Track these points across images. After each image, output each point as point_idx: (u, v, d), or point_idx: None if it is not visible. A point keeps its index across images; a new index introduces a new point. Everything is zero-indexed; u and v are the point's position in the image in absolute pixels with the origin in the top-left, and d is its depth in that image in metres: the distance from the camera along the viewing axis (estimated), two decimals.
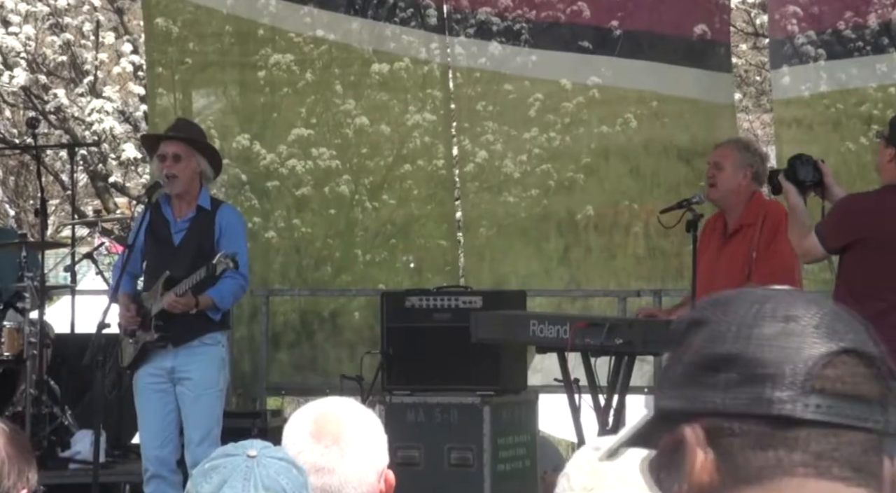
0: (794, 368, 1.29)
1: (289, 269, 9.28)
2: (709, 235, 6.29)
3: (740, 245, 6.06)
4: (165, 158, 6.47)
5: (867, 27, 8.83)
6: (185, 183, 6.46)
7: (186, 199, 6.51)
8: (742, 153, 6.11)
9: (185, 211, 6.52)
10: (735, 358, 1.30)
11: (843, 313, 1.34)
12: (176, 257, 6.43)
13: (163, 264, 6.43)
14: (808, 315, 1.32)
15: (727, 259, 6.10)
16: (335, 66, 9.18)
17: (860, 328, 1.33)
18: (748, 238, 6.01)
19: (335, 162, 9.13)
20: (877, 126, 7.93)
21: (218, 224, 6.46)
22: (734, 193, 6.08)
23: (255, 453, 2.43)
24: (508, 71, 9.09)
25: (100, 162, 14.99)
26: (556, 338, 6.18)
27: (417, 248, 9.30)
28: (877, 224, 5.26)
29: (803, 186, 5.49)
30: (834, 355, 1.30)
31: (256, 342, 8.90)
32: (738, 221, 6.08)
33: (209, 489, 2.40)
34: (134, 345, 6.47)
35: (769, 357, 1.30)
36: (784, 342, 1.30)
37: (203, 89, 9.31)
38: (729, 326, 1.32)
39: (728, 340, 1.32)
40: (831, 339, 1.31)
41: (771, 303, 1.33)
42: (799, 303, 1.33)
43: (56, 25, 14.68)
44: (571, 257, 9.22)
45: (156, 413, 6.42)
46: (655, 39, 8.92)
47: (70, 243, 9.23)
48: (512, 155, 9.12)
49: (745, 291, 1.36)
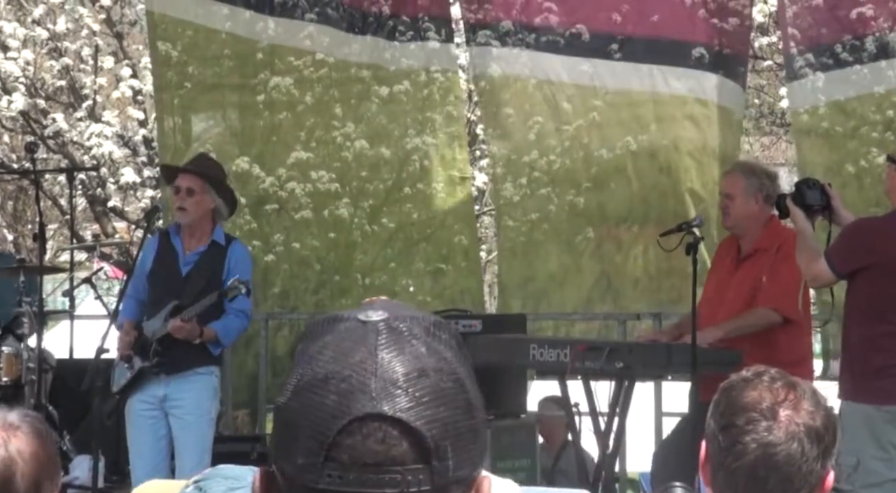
0: (315, 434, 1.26)
1: (288, 292, 9.26)
2: (722, 258, 6.27)
3: (752, 269, 6.04)
4: (179, 190, 6.48)
5: (864, 50, 8.89)
6: (193, 217, 6.45)
7: (198, 234, 6.50)
8: (749, 179, 6.08)
9: (195, 245, 6.50)
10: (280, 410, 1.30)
11: (389, 363, 1.27)
12: (184, 288, 6.41)
13: (169, 294, 6.41)
14: (323, 367, 1.28)
15: (737, 283, 6.08)
16: (335, 88, 9.17)
17: (399, 385, 1.27)
18: (760, 263, 5.99)
19: (334, 185, 9.12)
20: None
21: (229, 259, 6.46)
22: (748, 219, 6.06)
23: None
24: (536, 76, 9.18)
25: (98, 186, 14.98)
26: (556, 362, 6.15)
27: (417, 272, 9.28)
28: (887, 248, 5.25)
29: (811, 210, 5.47)
30: (355, 421, 1.25)
31: (256, 365, 8.88)
32: (754, 246, 6.07)
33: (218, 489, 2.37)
34: (129, 370, 6.45)
35: (300, 420, 1.27)
36: (310, 402, 1.27)
37: (202, 113, 9.30)
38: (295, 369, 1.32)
39: (285, 392, 1.30)
40: (358, 403, 1.25)
41: (329, 354, 1.29)
42: (340, 353, 1.28)
43: (55, 50, 14.69)
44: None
45: (147, 441, 6.39)
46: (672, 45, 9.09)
47: (69, 268, 9.21)
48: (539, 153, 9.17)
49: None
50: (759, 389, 2.33)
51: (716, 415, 2.36)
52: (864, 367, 5.25)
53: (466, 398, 1.28)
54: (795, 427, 2.29)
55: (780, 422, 2.30)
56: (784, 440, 2.28)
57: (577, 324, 9.26)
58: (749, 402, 2.32)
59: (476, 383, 1.32)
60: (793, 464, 2.28)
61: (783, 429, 2.29)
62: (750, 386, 2.35)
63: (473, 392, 1.30)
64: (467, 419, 1.28)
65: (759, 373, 2.37)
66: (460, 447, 1.27)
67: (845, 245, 5.35)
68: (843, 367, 5.43)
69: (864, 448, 5.13)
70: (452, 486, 1.27)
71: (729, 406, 2.34)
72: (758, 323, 5.93)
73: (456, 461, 1.26)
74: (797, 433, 2.29)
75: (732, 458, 2.29)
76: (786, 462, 2.28)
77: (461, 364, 1.31)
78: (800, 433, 2.29)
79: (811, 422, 2.31)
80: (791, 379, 2.37)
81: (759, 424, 2.30)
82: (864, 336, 5.29)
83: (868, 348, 5.27)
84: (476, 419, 1.28)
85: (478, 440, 1.29)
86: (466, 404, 1.28)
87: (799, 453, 2.28)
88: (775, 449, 2.28)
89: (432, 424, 1.26)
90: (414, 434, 1.25)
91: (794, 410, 2.31)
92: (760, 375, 2.37)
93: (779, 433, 2.29)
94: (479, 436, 1.29)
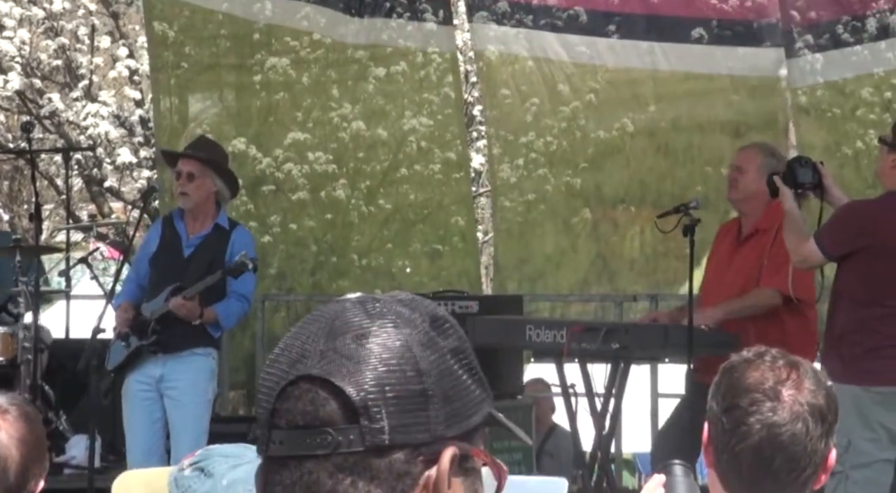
0: (264, 404, 1.29)
1: (285, 273, 9.26)
2: (722, 239, 6.26)
3: (753, 250, 6.03)
4: (180, 175, 6.47)
5: (865, 31, 8.89)
6: (195, 201, 6.44)
7: (201, 217, 6.49)
8: (767, 158, 6.05)
9: (199, 228, 6.49)
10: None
11: (335, 330, 1.29)
12: (185, 270, 6.41)
13: (170, 277, 6.40)
14: (285, 340, 1.31)
15: (738, 264, 6.07)
16: (331, 69, 9.16)
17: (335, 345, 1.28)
18: (761, 243, 5.98)
19: (331, 166, 9.11)
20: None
21: (232, 243, 6.45)
22: (753, 197, 6.03)
23: None
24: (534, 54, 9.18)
25: (95, 166, 14.96)
26: (552, 343, 6.15)
27: (414, 253, 9.28)
28: (879, 232, 5.24)
29: (803, 188, 5.47)
30: (289, 386, 1.28)
31: (253, 346, 8.89)
32: (754, 226, 6.05)
33: (221, 469, 2.37)
34: (126, 349, 6.44)
35: (259, 395, 1.31)
36: (266, 375, 1.31)
37: (199, 94, 9.28)
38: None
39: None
40: (296, 368, 1.28)
41: (296, 328, 1.32)
42: (303, 326, 1.31)
43: (51, 30, 14.66)
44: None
45: (142, 422, 6.39)
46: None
47: (65, 248, 9.21)
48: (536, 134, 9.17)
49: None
50: (762, 369, 2.33)
51: (717, 397, 2.35)
52: (854, 349, 5.25)
53: (414, 363, 1.27)
54: (799, 407, 2.29)
55: (783, 402, 2.29)
56: (789, 420, 2.28)
57: (573, 305, 9.27)
58: (752, 383, 2.32)
59: (457, 360, 1.30)
60: (798, 443, 2.28)
61: (787, 409, 2.29)
62: (752, 367, 2.34)
63: (430, 361, 1.28)
64: (412, 383, 1.27)
65: (761, 353, 2.37)
66: (401, 411, 1.26)
67: (837, 228, 5.34)
68: (830, 348, 5.42)
69: (853, 429, 5.14)
70: (392, 450, 1.26)
71: (731, 388, 2.33)
72: (758, 304, 5.92)
73: (393, 423, 1.25)
74: (801, 413, 2.29)
75: (737, 439, 2.29)
76: (791, 442, 2.28)
77: (426, 337, 1.30)
78: (804, 412, 2.29)
79: (815, 401, 2.31)
80: (793, 358, 2.37)
81: (762, 404, 2.29)
82: (854, 318, 5.29)
83: (858, 329, 5.27)
84: (425, 385, 1.27)
85: (430, 407, 1.27)
86: (414, 370, 1.27)
87: (804, 432, 2.28)
88: (780, 430, 2.28)
89: (362, 384, 1.26)
90: (341, 394, 1.26)
91: (797, 389, 2.31)
92: (762, 355, 2.36)
93: (783, 413, 2.29)
94: (433, 404, 1.27)
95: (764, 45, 9.09)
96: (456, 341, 1.32)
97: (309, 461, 1.26)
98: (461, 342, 1.33)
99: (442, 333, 1.31)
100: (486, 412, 1.34)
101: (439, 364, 1.29)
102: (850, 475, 5.17)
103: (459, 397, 1.30)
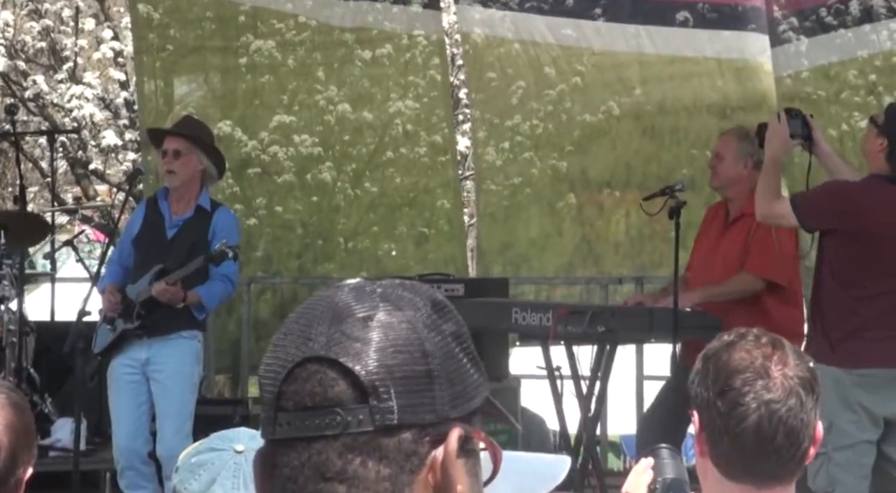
0: (269, 388, 1.30)
1: (270, 256, 9.25)
2: (710, 222, 6.29)
3: (739, 234, 6.06)
4: (167, 153, 6.45)
5: (849, 14, 8.90)
6: (183, 179, 6.42)
7: (185, 198, 6.48)
8: (742, 143, 6.09)
9: (183, 209, 6.48)
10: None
11: (339, 312, 1.30)
12: (168, 252, 6.40)
13: (154, 258, 6.39)
14: (287, 325, 1.32)
15: (725, 247, 6.10)
16: (317, 52, 9.14)
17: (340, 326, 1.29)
18: (747, 227, 6.00)
19: (317, 149, 9.10)
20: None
21: (214, 224, 6.44)
22: (735, 183, 6.06)
23: (243, 448, 2.40)
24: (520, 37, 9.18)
25: (80, 149, 14.92)
26: (538, 326, 6.17)
27: (400, 236, 9.28)
28: (864, 216, 5.25)
29: (792, 139, 5.48)
30: (296, 368, 1.28)
31: (239, 330, 8.88)
32: (741, 210, 6.07)
33: (198, 487, 2.37)
34: (111, 332, 6.44)
35: (262, 379, 1.32)
36: (269, 359, 1.31)
37: (184, 76, 9.26)
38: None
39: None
40: (299, 349, 1.29)
41: (296, 313, 1.32)
42: (305, 310, 1.31)
43: (35, 11, 14.60)
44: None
45: (128, 405, 6.39)
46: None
47: (50, 231, 9.17)
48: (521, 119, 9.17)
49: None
50: (747, 348, 2.35)
51: (706, 383, 2.36)
52: (835, 330, 5.27)
53: (420, 345, 1.28)
54: (790, 382, 2.32)
55: (774, 379, 2.32)
56: (783, 395, 2.31)
57: (558, 288, 9.28)
58: (740, 363, 2.33)
59: (457, 344, 1.31)
60: (795, 416, 2.31)
61: (779, 385, 2.32)
62: (736, 348, 2.36)
63: (434, 343, 1.29)
64: (418, 364, 1.28)
65: (742, 334, 2.39)
66: (409, 391, 1.27)
67: (820, 203, 5.34)
68: (812, 329, 5.45)
69: (835, 411, 5.17)
70: (400, 430, 1.27)
71: (720, 372, 2.35)
72: (739, 289, 5.94)
73: (402, 403, 1.26)
74: (793, 387, 2.32)
75: (736, 421, 2.31)
76: (789, 417, 2.31)
77: (429, 319, 1.31)
78: (795, 386, 2.32)
79: (802, 374, 2.34)
80: (772, 336, 2.40)
81: (755, 383, 2.32)
82: (835, 299, 5.31)
83: (839, 311, 5.29)
84: (431, 366, 1.28)
85: (435, 388, 1.28)
86: (420, 351, 1.28)
87: (798, 405, 2.31)
88: (777, 405, 2.30)
89: (371, 364, 1.27)
90: (350, 374, 1.26)
91: (784, 364, 2.34)
92: (744, 335, 2.38)
93: (776, 389, 2.31)
94: (439, 385, 1.28)
95: (749, 28, 9.10)
96: (455, 326, 1.33)
97: (318, 442, 1.27)
98: (460, 327, 1.34)
99: (443, 316, 1.32)
100: (484, 395, 1.34)
101: (442, 346, 1.30)
102: (833, 456, 5.19)
103: (461, 380, 1.31)
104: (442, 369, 1.29)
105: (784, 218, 5.37)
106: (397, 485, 1.26)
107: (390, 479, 1.26)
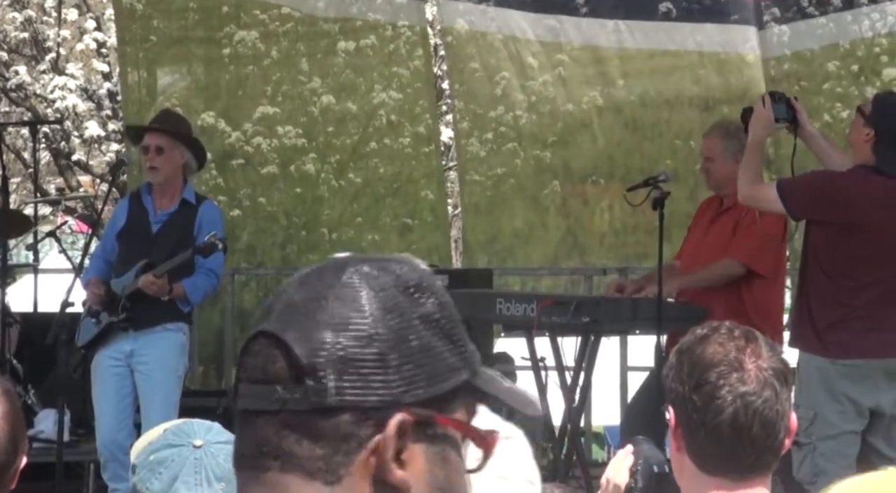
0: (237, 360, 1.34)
1: (254, 247, 9.24)
2: (703, 212, 6.31)
3: (727, 223, 6.08)
4: (148, 149, 6.43)
5: (830, 3, 8.92)
6: (166, 174, 6.41)
7: (169, 192, 6.46)
8: (727, 141, 6.09)
9: (167, 204, 6.47)
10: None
11: (300, 288, 1.31)
12: (153, 246, 6.39)
13: (139, 253, 6.38)
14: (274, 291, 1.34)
15: (714, 235, 6.12)
16: (301, 43, 9.12)
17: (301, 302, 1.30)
18: (735, 216, 6.02)
19: (301, 140, 9.09)
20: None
21: (199, 218, 6.43)
22: (730, 181, 6.05)
23: (201, 442, 2.38)
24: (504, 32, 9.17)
25: (62, 140, 14.87)
26: (522, 316, 6.17)
27: (384, 227, 9.27)
28: (851, 207, 5.26)
29: (777, 122, 5.49)
30: (250, 340, 1.31)
31: (223, 320, 8.88)
32: (732, 200, 6.09)
33: (160, 486, 2.35)
34: (96, 326, 6.43)
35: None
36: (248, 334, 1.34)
37: (167, 67, 9.23)
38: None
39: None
40: (260, 322, 1.31)
41: (283, 286, 1.34)
42: (288, 281, 1.34)
43: (17, 2, 14.54)
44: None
45: (112, 397, 6.38)
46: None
47: (32, 222, 9.14)
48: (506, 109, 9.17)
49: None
50: (720, 342, 2.36)
51: (681, 378, 2.37)
52: (821, 319, 5.28)
53: (371, 326, 1.28)
54: (764, 373, 2.34)
55: (748, 371, 2.33)
56: (758, 387, 2.32)
57: (543, 279, 9.29)
58: (714, 357, 2.34)
59: (427, 326, 1.30)
60: (771, 408, 2.32)
61: (753, 377, 2.33)
62: (709, 342, 2.37)
63: (389, 325, 1.28)
64: (365, 346, 1.27)
65: (715, 328, 2.40)
66: (351, 373, 1.27)
67: (806, 192, 5.35)
68: (798, 317, 5.45)
69: (820, 402, 5.18)
70: (338, 412, 1.27)
71: (694, 366, 2.35)
72: (717, 274, 5.95)
73: (341, 385, 1.26)
74: (768, 379, 2.33)
75: (712, 414, 2.32)
76: (765, 407, 2.32)
77: (391, 301, 1.30)
78: (770, 377, 2.34)
79: (776, 365, 2.36)
80: (745, 328, 2.41)
81: (730, 376, 2.32)
82: (821, 289, 5.32)
83: (825, 300, 5.30)
84: (380, 349, 1.27)
85: (384, 372, 1.27)
86: (369, 333, 1.28)
87: (774, 396, 2.33)
88: (752, 397, 2.32)
89: (312, 343, 1.27)
90: (289, 352, 1.28)
91: (757, 356, 2.35)
92: (717, 329, 2.39)
93: (750, 381, 2.32)
94: (388, 369, 1.27)
95: (731, 20, 9.11)
96: (432, 308, 1.32)
97: (261, 417, 1.29)
98: (438, 309, 1.33)
99: (410, 298, 1.31)
100: (461, 379, 1.32)
101: (400, 329, 1.29)
102: (818, 446, 5.21)
103: (424, 364, 1.30)
104: (394, 352, 1.28)
105: (770, 203, 5.38)
106: (331, 465, 1.27)
107: (324, 459, 1.27)
